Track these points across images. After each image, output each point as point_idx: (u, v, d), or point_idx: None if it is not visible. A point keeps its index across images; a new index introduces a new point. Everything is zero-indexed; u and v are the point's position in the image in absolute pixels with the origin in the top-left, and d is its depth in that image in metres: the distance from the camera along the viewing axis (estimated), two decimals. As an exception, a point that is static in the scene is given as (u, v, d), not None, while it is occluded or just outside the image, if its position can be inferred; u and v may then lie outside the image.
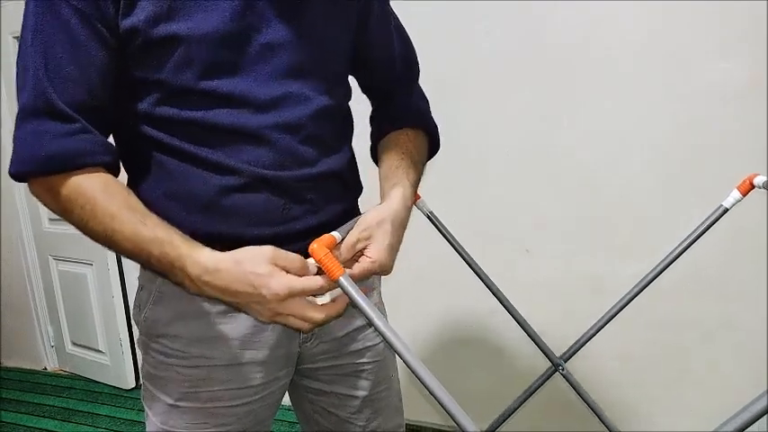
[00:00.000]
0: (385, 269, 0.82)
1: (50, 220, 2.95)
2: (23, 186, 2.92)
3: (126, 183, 0.88)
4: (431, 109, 1.08)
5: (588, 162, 1.83)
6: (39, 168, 0.74)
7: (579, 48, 1.79)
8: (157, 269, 0.75)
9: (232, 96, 0.80)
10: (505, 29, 1.88)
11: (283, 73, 0.83)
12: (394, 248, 0.83)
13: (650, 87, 1.73)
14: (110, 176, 0.78)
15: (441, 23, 1.95)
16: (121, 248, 0.75)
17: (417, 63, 1.09)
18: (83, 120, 0.76)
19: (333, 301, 0.77)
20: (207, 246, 0.76)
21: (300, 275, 0.74)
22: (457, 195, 1.98)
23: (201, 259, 0.73)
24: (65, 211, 0.76)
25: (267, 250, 0.73)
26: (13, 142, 0.76)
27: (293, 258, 0.74)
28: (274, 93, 0.82)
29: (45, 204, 0.79)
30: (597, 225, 1.86)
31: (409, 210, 0.89)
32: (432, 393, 0.65)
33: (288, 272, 0.73)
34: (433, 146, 1.06)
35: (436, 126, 1.05)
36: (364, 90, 1.08)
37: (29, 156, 0.74)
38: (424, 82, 1.10)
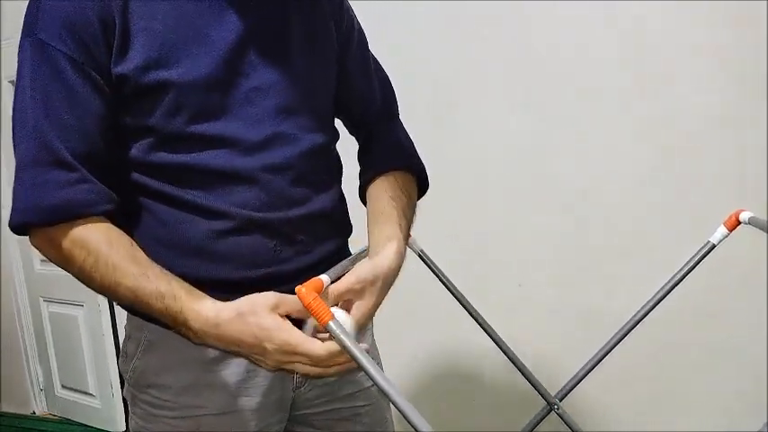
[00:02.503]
0: (361, 328, 0.82)
1: (42, 261, 2.93)
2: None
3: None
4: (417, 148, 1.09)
5: (578, 192, 1.84)
6: (41, 219, 0.74)
7: (568, 73, 1.82)
8: (160, 319, 0.76)
9: (222, 139, 0.81)
10: (493, 51, 1.91)
11: (271, 114, 0.84)
12: (377, 307, 0.84)
13: (640, 113, 1.74)
14: (112, 227, 0.78)
15: (427, 41, 1.99)
16: (124, 300, 0.76)
17: (395, 99, 1.12)
18: (83, 169, 0.76)
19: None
20: (199, 289, 0.76)
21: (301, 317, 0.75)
22: (447, 229, 1.99)
23: (203, 312, 0.74)
24: (67, 261, 0.76)
25: (270, 299, 0.74)
26: (13, 194, 0.76)
27: (295, 302, 0.73)
28: (263, 134, 0.83)
29: (46, 255, 0.78)
30: (589, 256, 1.86)
31: (400, 267, 0.89)
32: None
33: (290, 316, 0.74)
34: (421, 185, 1.06)
35: (423, 166, 1.06)
36: (350, 129, 1.10)
37: (30, 206, 0.74)
38: (408, 105, 1.11)
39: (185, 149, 0.81)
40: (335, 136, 1.00)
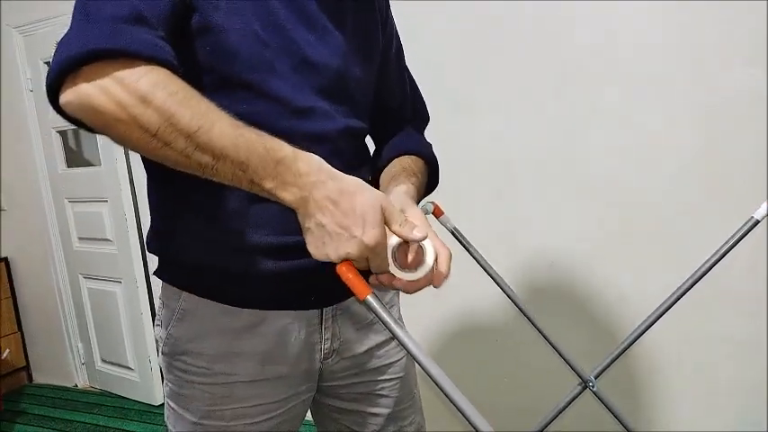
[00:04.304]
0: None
1: (80, 239, 3.02)
2: (54, 206, 2.96)
3: (150, 187, 0.89)
4: (439, 129, 1.10)
5: (610, 174, 1.81)
6: (117, 44, 0.63)
7: (602, 56, 1.78)
8: (252, 174, 0.67)
9: (275, 96, 0.81)
10: (520, 42, 1.88)
11: (314, 89, 0.85)
12: (424, 219, 0.81)
13: (672, 98, 1.71)
14: None
15: (453, 36, 1.96)
16: (217, 145, 0.64)
17: (427, 113, 1.13)
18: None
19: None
20: (226, 253, 0.79)
21: (397, 232, 0.70)
22: (480, 208, 1.98)
23: (316, 160, 0.69)
24: (145, 96, 0.62)
25: (383, 196, 0.71)
26: (68, 38, 0.65)
27: (399, 214, 0.72)
28: (307, 103, 0.84)
29: (102, 99, 0.63)
30: (622, 237, 1.83)
31: (413, 197, 0.89)
32: (460, 410, 0.64)
33: (388, 224, 0.70)
34: (431, 181, 1.07)
35: (437, 160, 1.07)
36: (372, 129, 1.08)
37: (104, 35, 0.63)
38: (439, 96, 1.11)
39: (240, 99, 0.79)
40: (368, 127, 1.00)
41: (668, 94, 1.71)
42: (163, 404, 0.95)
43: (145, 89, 0.63)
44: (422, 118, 1.13)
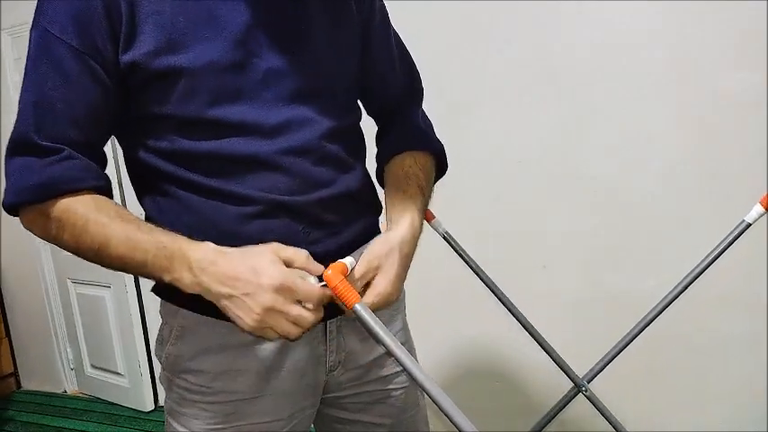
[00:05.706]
0: (390, 301, 0.81)
1: (69, 243, 2.98)
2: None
3: (143, 203, 0.89)
4: (437, 129, 1.07)
5: (605, 176, 1.81)
6: (30, 197, 0.75)
7: (601, 56, 1.78)
8: (152, 270, 0.74)
9: (241, 124, 0.80)
10: (518, 42, 1.87)
11: (288, 97, 0.83)
12: (401, 279, 0.83)
13: (667, 99, 1.71)
14: (99, 197, 0.78)
15: (452, 37, 1.95)
16: (115, 256, 0.74)
17: (420, 83, 1.09)
18: (70, 149, 0.76)
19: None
20: None
21: (304, 268, 0.74)
22: (472, 211, 1.97)
23: (205, 246, 0.73)
24: (57, 231, 0.76)
25: (272, 244, 0.74)
26: (5, 176, 0.77)
27: (297, 251, 0.74)
28: (281, 117, 0.82)
29: (39, 231, 0.79)
30: (615, 240, 1.83)
31: (417, 238, 0.88)
32: (455, 425, 0.63)
33: (290, 265, 0.73)
34: (439, 167, 1.04)
35: (442, 147, 1.04)
36: (369, 111, 1.07)
37: (19, 187, 0.75)
38: (437, 96, 1.09)
39: (205, 136, 0.80)
40: (358, 116, 0.98)
41: (667, 96, 1.70)
42: (152, 410, 0.94)
43: (55, 226, 0.76)
44: (416, 89, 1.08)
